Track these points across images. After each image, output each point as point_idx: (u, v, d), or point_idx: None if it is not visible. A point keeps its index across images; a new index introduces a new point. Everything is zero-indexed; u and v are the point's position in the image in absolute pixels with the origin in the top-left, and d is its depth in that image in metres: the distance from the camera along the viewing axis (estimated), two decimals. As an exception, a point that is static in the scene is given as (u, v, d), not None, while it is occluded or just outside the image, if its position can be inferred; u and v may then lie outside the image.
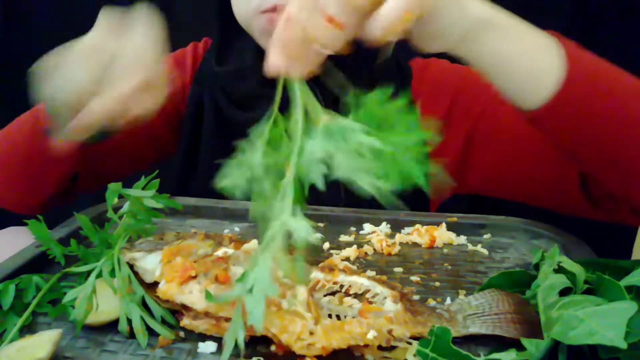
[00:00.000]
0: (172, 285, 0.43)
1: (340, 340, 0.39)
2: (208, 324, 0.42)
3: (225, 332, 0.42)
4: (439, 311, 0.44)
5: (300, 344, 0.39)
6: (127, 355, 0.41)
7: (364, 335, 0.39)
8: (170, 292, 0.42)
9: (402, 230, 0.65)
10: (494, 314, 0.43)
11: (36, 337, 0.41)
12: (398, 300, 0.43)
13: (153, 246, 0.48)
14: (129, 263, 0.46)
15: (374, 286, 0.45)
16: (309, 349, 0.39)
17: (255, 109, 0.77)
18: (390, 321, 0.40)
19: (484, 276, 0.53)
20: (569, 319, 0.36)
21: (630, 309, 0.34)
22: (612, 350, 0.34)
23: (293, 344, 0.39)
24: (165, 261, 0.45)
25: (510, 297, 0.44)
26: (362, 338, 0.39)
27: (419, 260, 0.58)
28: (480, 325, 0.42)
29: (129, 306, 0.43)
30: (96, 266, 0.45)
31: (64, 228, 0.63)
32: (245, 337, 0.41)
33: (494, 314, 0.43)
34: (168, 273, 0.43)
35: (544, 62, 0.50)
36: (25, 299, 0.48)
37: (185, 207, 0.71)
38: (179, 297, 0.42)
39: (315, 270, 0.46)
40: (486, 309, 0.43)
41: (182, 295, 0.42)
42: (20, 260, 0.53)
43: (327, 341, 0.39)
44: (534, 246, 0.60)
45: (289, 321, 0.40)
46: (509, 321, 0.42)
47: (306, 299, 0.43)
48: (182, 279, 0.42)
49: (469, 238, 0.63)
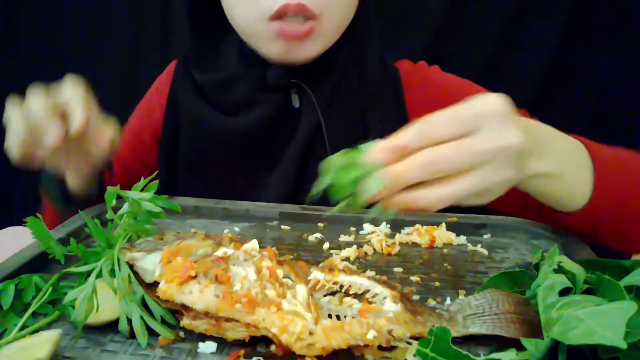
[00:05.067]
0: (172, 285, 0.42)
1: (340, 340, 0.39)
2: (208, 324, 0.42)
3: (226, 332, 0.42)
4: (438, 311, 0.44)
5: (300, 344, 0.39)
6: (127, 355, 0.41)
7: (364, 335, 0.39)
8: (170, 292, 0.42)
9: (402, 230, 0.65)
10: (493, 314, 0.43)
11: (36, 337, 0.41)
12: (398, 300, 0.43)
13: (153, 246, 0.48)
14: (129, 263, 0.46)
15: (373, 286, 0.45)
16: (309, 349, 0.39)
17: (243, 115, 0.77)
18: (390, 321, 0.40)
19: (484, 276, 0.53)
20: (568, 318, 0.36)
21: (630, 308, 0.34)
22: (612, 350, 0.34)
23: (293, 344, 0.39)
24: (165, 261, 0.45)
25: (510, 297, 0.44)
26: (362, 338, 0.39)
27: (418, 260, 0.58)
28: (480, 325, 0.42)
29: (129, 306, 0.43)
30: (96, 266, 0.45)
31: (63, 228, 0.63)
32: (245, 337, 0.41)
33: (494, 314, 0.43)
34: (168, 273, 0.43)
35: (583, 181, 0.55)
36: (25, 299, 0.48)
37: (185, 207, 0.71)
38: (179, 297, 0.42)
39: (315, 270, 0.46)
40: (486, 309, 0.43)
41: (182, 295, 0.42)
42: (20, 260, 0.53)
43: (327, 341, 0.39)
44: (534, 246, 0.60)
45: (289, 321, 0.40)
46: (509, 321, 0.42)
47: (306, 299, 0.43)
48: (182, 279, 0.42)
49: (469, 238, 0.63)
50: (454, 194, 0.42)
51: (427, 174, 0.41)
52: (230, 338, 0.42)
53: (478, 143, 0.42)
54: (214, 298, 0.41)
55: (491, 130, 0.42)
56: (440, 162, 0.41)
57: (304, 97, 0.76)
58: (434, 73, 0.83)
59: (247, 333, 0.41)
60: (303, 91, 0.76)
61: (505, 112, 0.43)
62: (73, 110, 0.58)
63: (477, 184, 0.42)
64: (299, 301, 0.42)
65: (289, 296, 0.43)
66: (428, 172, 0.41)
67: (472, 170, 0.42)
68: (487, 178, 0.42)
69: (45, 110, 0.57)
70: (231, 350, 0.42)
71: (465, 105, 0.43)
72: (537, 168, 0.49)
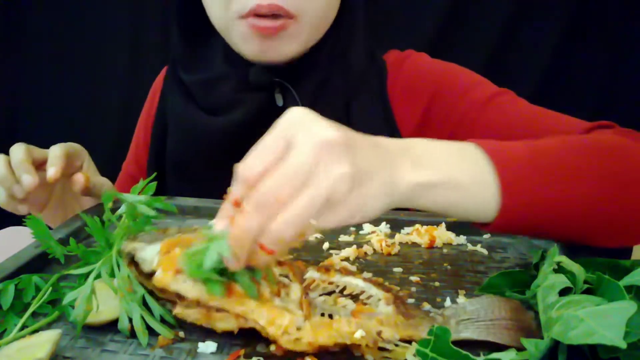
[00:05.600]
0: (168, 274, 0.42)
1: (327, 337, 0.39)
2: (199, 314, 0.42)
3: (215, 323, 0.42)
4: (432, 315, 0.44)
5: (287, 338, 0.39)
6: (127, 355, 0.42)
7: (352, 334, 0.39)
8: (166, 280, 0.42)
9: (402, 230, 0.65)
10: (488, 320, 0.42)
11: (36, 337, 0.41)
12: (391, 303, 0.43)
13: (154, 238, 0.48)
14: (130, 253, 0.46)
15: (369, 287, 0.44)
16: (295, 344, 0.39)
17: (227, 114, 0.77)
18: (381, 323, 0.40)
19: (484, 276, 0.53)
20: (568, 318, 0.36)
21: (629, 308, 0.34)
22: (612, 350, 0.34)
23: (280, 337, 0.39)
24: (164, 251, 0.45)
25: (508, 304, 0.44)
26: (349, 336, 0.39)
27: (418, 260, 0.58)
28: (473, 330, 0.42)
29: (129, 305, 0.43)
30: (94, 267, 0.45)
31: (63, 228, 0.63)
32: (234, 328, 0.42)
33: (489, 320, 0.42)
34: (165, 262, 0.43)
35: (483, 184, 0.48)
36: (25, 299, 0.48)
37: (185, 207, 0.72)
38: (173, 285, 0.42)
39: (312, 270, 0.46)
40: (481, 315, 0.43)
41: (176, 284, 0.42)
42: (20, 260, 0.53)
43: (314, 337, 0.39)
44: (534, 246, 0.60)
45: (278, 314, 0.40)
46: (503, 327, 0.42)
47: (299, 297, 0.43)
48: (178, 268, 0.42)
49: (469, 238, 0.63)
50: (296, 213, 0.38)
51: (264, 213, 0.38)
52: (220, 329, 0.42)
53: (294, 156, 0.39)
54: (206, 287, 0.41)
55: (300, 139, 0.40)
56: (269, 196, 0.38)
57: (288, 96, 0.76)
58: (417, 59, 0.82)
59: (236, 324, 0.41)
60: (287, 90, 0.76)
61: (306, 117, 0.42)
62: (51, 160, 0.66)
63: (315, 192, 0.39)
64: (292, 299, 0.42)
65: (283, 294, 0.43)
66: (264, 211, 0.38)
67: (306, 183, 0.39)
68: (321, 182, 0.39)
69: (25, 156, 0.64)
70: (231, 350, 0.42)
71: (269, 130, 0.42)
72: (419, 178, 0.45)
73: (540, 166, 0.50)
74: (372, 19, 0.80)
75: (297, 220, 0.38)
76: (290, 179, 0.39)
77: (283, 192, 0.38)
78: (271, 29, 0.68)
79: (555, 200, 0.50)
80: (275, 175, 0.39)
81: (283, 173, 0.39)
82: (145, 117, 0.94)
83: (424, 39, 1.19)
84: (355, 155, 0.41)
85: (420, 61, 0.82)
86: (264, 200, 0.38)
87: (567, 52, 1.17)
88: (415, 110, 0.78)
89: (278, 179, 0.39)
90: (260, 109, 0.76)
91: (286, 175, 0.39)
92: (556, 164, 0.51)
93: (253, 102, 0.76)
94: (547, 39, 1.17)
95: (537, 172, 0.50)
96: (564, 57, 1.18)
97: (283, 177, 0.39)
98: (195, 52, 0.82)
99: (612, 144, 0.57)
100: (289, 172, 0.39)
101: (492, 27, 1.18)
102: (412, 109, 0.78)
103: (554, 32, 1.17)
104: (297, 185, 0.39)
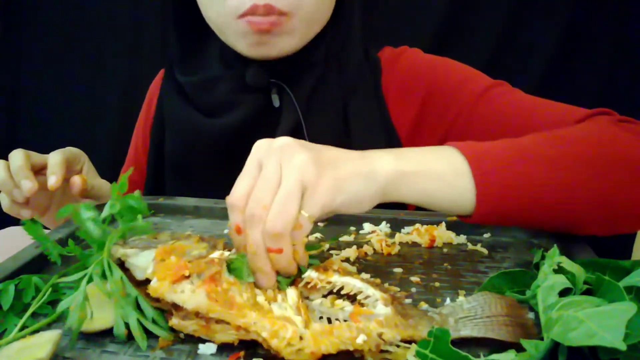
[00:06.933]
0: (164, 284, 0.42)
1: (330, 345, 0.39)
2: (197, 325, 0.41)
3: (215, 335, 0.41)
4: (430, 314, 0.44)
5: (289, 350, 0.39)
6: (127, 356, 0.41)
7: (354, 339, 0.39)
8: (162, 290, 0.42)
9: (402, 229, 0.65)
10: (485, 317, 0.42)
11: (36, 337, 0.41)
12: (389, 304, 0.42)
13: (146, 244, 0.48)
14: (121, 259, 0.46)
15: (366, 288, 0.44)
16: (297, 354, 0.39)
17: (224, 116, 0.77)
18: (381, 324, 0.40)
19: (484, 276, 0.52)
20: (568, 320, 0.36)
21: (629, 310, 0.34)
22: (612, 352, 0.34)
23: (282, 350, 0.39)
24: (159, 259, 0.44)
25: (504, 300, 0.44)
26: (351, 342, 0.39)
27: (418, 260, 0.58)
28: (472, 328, 0.42)
29: (124, 309, 0.43)
30: (86, 273, 0.44)
31: (63, 229, 0.63)
32: (234, 340, 0.41)
33: (486, 317, 0.42)
34: (161, 271, 0.43)
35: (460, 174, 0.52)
36: (25, 299, 0.48)
37: (185, 207, 0.72)
38: (170, 296, 0.42)
39: (310, 269, 0.46)
40: (478, 312, 0.43)
41: (173, 294, 0.42)
42: (20, 261, 0.54)
43: (316, 346, 0.39)
44: (534, 246, 0.60)
45: (280, 326, 0.39)
46: (501, 324, 0.42)
47: (296, 302, 0.43)
48: (174, 278, 0.42)
49: (469, 237, 0.63)
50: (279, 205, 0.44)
51: (258, 223, 0.44)
52: (219, 341, 0.41)
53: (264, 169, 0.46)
54: (206, 298, 0.41)
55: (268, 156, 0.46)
56: (256, 209, 0.44)
57: (284, 97, 0.76)
58: (411, 55, 0.82)
59: (236, 336, 0.41)
60: (283, 91, 0.76)
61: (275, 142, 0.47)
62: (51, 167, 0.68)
63: (286, 183, 0.44)
64: (289, 305, 0.42)
65: (279, 299, 0.43)
66: (257, 222, 0.44)
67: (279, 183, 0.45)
68: (289, 174, 0.44)
69: (24, 162, 0.66)
70: (231, 352, 0.42)
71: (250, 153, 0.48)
72: (399, 167, 0.49)
73: (514, 157, 0.53)
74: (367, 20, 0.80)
75: (282, 210, 0.43)
76: (266, 186, 0.45)
77: (265, 200, 0.44)
78: (266, 24, 0.68)
79: (530, 187, 0.52)
80: (255, 190, 0.45)
81: (259, 186, 0.45)
82: (142, 122, 0.94)
83: (423, 40, 1.18)
84: (312, 149, 0.47)
85: (415, 57, 0.82)
86: (253, 213, 0.44)
87: (567, 52, 1.17)
88: (411, 107, 0.78)
89: (257, 191, 0.45)
90: (257, 110, 0.76)
91: (262, 185, 0.45)
92: (531, 153, 0.53)
93: (250, 103, 0.76)
94: (547, 39, 1.17)
95: (510, 162, 0.52)
96: (564, 57, 1.17)
97: (260, 188, 0.45)
98: (191, 53, 0.83)
99: (593, 130, 0.59)
100: (263, 183, 0.45)
101: (492, 28, 1.18)
102: (408, 106, 0.78)
103: (554, 32, 1.17)
104: (273, 188, 0.44)
